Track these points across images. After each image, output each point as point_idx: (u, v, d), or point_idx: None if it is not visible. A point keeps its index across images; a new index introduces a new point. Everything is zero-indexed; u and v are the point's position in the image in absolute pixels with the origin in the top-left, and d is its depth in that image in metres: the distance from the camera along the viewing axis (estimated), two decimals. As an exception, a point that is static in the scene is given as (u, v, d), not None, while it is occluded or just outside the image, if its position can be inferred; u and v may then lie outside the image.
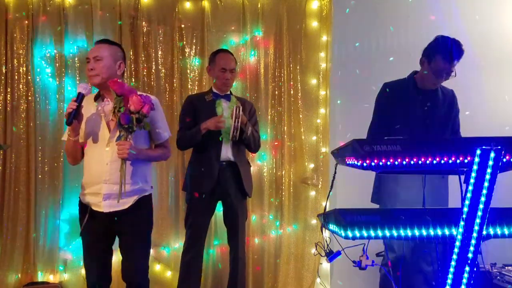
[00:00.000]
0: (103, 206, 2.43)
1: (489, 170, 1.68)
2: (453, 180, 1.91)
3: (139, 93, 2.43)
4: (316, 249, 2.12)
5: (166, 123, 2.71)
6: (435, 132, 2.80)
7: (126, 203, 2.45)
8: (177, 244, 3.72)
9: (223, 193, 3.15)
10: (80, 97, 2.37)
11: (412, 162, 1.72)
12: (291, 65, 3.93)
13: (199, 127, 3.07)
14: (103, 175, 2.43)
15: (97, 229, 2.47)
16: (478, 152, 1.68)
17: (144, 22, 3.76)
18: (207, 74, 3.42)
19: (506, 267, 3.15)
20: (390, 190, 2.81)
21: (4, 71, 3.61)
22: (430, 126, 2.80)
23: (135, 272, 2.53)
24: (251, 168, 3.39)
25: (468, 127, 2.99)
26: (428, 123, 2.81)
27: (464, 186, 1.76)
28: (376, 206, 2.96)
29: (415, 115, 2.81)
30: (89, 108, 2.51)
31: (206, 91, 3.32)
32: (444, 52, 2.71)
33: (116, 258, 2.68)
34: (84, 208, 2.51)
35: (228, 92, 3.27)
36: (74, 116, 2.34)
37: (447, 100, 2.90)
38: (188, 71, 3.83)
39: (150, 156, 2.61)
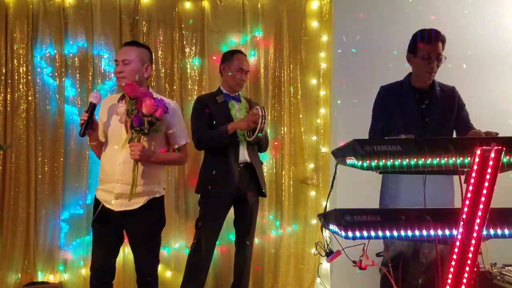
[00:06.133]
0: (114, 204, 2.51)
1: (489, 170, 1.68)
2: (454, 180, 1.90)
3: (155, 95, 2.48)
4: (316, 249, 2.12)
5: (184, 128, 2.73)
6: (436, 130, 2.78)
7: (136, 203, 2.51)
8: (177, 244, 3.73)
9: (241, 195, 3.13)
10: (91, 107, 2.45)
11: (412, 162, 1.72)
12: (291, 65, 3.93)
13: (226, 128, 3.01)
14: (115, 175, 2.50)
15: (108, 224, 2.55)
16: (478, 152, 1.68)
17: (144, 22, 3.75)
18: (220, 72, 3.29)
19: (506, 267, 3.14)
20: (390, 192, 2.80)
21: (4, 71, 3.61)
22: (430, 124, 2.78)
23: (141, 271, 2.59)
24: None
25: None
26: (427, 121, 2.79)
27: (464, 186, 1.76)
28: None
29: (413, 114, 2.79)
30: (112, 108, 2.58)
31: (215, 92, 3.27)
32: (423, 36, 2.72)
33: (118, 257, 2.71)
34: (98, 202, 2.59)
35: (237, 94, 3.27)
36: (86, 127, 2.42)
37: (447, 96, 2.87)
38: (188, 71, 3.83)
39: (164, 159, 2.65)
